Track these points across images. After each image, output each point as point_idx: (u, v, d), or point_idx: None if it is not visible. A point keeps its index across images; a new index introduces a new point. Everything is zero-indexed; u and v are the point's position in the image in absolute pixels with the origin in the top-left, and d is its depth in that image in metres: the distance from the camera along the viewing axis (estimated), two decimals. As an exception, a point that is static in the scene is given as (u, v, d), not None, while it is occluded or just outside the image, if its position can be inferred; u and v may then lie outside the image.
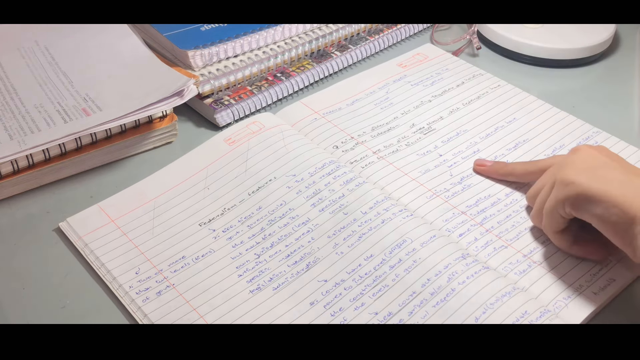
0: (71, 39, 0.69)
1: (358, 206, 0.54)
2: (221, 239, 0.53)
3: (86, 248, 0.52)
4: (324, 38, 0.72)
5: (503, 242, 0.53)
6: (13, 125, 0.58)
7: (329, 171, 0.57)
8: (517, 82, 0.69)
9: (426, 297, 0.48)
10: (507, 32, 0.73)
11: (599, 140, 0.62)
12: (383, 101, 0.66)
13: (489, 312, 0.47)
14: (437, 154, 0.61)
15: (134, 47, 0.67)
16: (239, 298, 0.49)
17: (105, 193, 0.57)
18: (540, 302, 0.48)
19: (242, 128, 0.62)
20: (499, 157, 0.60)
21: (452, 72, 0.70)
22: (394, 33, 0.76)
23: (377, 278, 0.49)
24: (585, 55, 0.72)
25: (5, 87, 0.63)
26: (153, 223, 0.54)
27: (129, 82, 0.63)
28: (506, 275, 0.50)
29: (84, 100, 0.61)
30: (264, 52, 0.69)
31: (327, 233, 0.53)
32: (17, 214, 0.55)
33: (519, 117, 0.65)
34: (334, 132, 0.62)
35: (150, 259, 0.51)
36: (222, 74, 0.66)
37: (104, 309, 0.49)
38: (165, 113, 0.62)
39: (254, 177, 0.57)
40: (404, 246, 0.51)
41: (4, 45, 0.68)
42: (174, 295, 0.49)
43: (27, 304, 0.49)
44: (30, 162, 0.56)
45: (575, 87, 0.71)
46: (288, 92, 0.68)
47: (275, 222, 0.54)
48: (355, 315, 0.48)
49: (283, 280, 0.50)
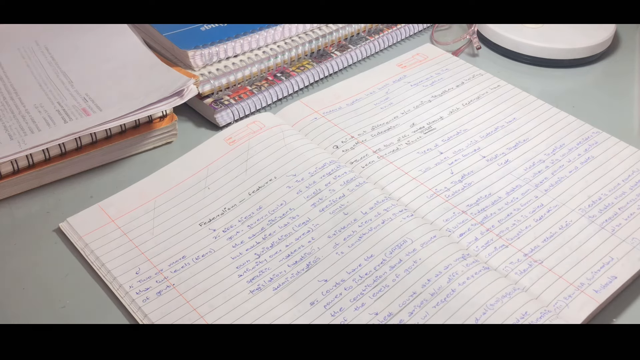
0: (71, 39, 0.69)
1: (358, 206, 0.54)
2: (221, 238, 0.53)
3: (86, 248, 0.52)
4: (324, 38, 0.72)
5: (504, 242, 0.53)
6: (13, 125, 0.58)
7: (330, 171, 0.57)
8: (517, 82, 0.69)
9: (426, 298, 0.48)
10: (507, 32, 0.73)
11: (598, 141, 0.62)
12: (383, 101, 0.66)
13: (490, 313, 0.47)
14: (437, 152, 0.61)
15: (134, 47, 0.67)
16: (239, 298, 0.49)
17: (105, 193, 0.57)
18: (540, 302, 0.48)
19: (242, 128, 0.62)
20: (499, 157, 0.60)
21: (452, 72, 0.70)
22: (393, 33, 0.76)
23: (378, 278, 0.49)
24: (585, 55, 0.72)
25: (5, 87, 0.63)
26: (153, 223, 0.54)
27: (129, 82, 0.63)
28: (507, 275, 0.50)
29: (84, 100, 0.61)
30: (264, 52, 0.69)
31: (327, 233, 0.53)
32: (17, 214, 0.55)
33: (519, 117, 0.65)
34: (334, 131, 0.62)
35: (150, 259, 0.51)
36: (222, 74, 0.66)
37: (104, 309, 0.49)
38: (165, 113, 0.62)
39: (254, 177, 0.57)
40: (404, 246, 0.51)
41: (4, 45, 0.68)
42: (174, 295, 0.49)
43: (27, 304, 0.49)
44: (30, 162, 0.56)
45: (575, 87, 0.71)
46: (288, 92, 0.68)
47: (275, 222, 0.54)
48: (355, 315, 0.48)
49: (283, 280, 0.50)
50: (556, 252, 0.52)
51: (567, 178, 0.58)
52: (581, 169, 0.59)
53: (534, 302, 0.48)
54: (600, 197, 0.57)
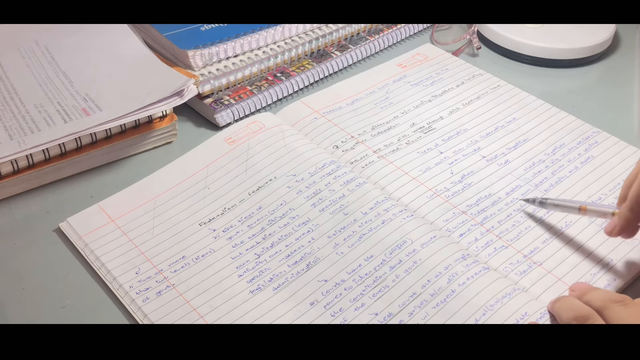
0: (71, 39, 0.69)
1: (358, 206, 0.54)
2: (221, 238, 0.53)
3: (86, 248, 0.52)
4: (324, 38, 0.72)
5: (503, 243, 0.53)
6: (13, 125, 0.58)
7: (330, 171, 0.57)
8: (517, 82, 0.69)
9: (426, 298, 0.48)
10: (507, 32, 0.73)
11: (598, 140, 0.62)
12: (383, 101, 0.66)
13: (489, 314, 0.47)
14: (437, 151, 0.61)
15: (134, 47, 0.67)
16: (239, 298, 0.49)
17: (105, 193, 0.57)
18: (540, 302, 0.48)
19: (242, 128, 0.62)
20: (499, 156, 0.60)
21: (452, 72, 0.70)
22: (393, 33, 0.76)
23: (378, 279, 0.49)
24: (585, 55, 0.72)
25: (5, 87, 0.63)
26: (153, 223, 0.54)
27: (129, 82, 0.63)
28: (507, 275, 0.50)
29: (84, 100, 0.61)
30: (264, 52, 0.69)
31: (327, 233, 0.53)
32: (17, 214, 0.55)
33: (519, 117, 0.65)
34: (334, 131, 0.62)
35: (150, 259, 0.51)
36: (222, 74, 0.65)
37: (104, 309, 0.49)
38: (165, 113, 0.62)
39: (254, 177, 0.57)
40: (404, 247, 0.51)
41: (4, 45, 0.68)
42: (174, 295, 0.49)
43: (27, 304, 0.49)
44: (30, 162, 0.56)
45: (575, 87, 0.71)
46: (288, 91, 0.68)
47: (275, 222, 0.54)
48: (355, 315, 0.48)
49: (283, 281, 0.50)
50: (556, 253, 0.52)
51: (567, 178, 0.58)
52: (581, 168, 0.59)
53: (534, 303, 0.48)
54: (600, 197, 0.57)
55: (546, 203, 0.54)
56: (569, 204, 0.53)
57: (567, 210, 0.54)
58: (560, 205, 0.54)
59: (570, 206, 0.53)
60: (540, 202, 0.55)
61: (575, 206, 0.53)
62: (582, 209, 0.52)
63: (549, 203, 0.54)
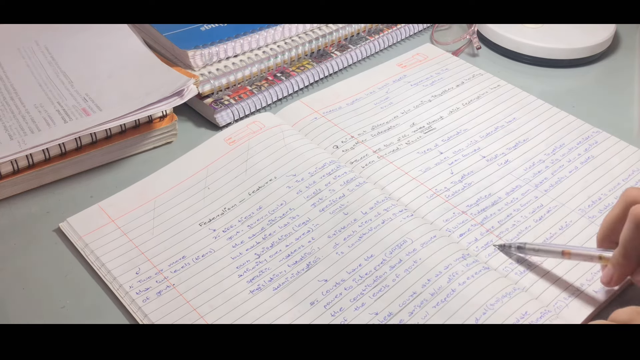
0: (71, 38, 0.69)
1: (358, 206, 0.54)
2: (221, 238, 0.53)
3: (86, 248, 0.52)
4: (324, 38, 0.72)
5: (504, 243, 0.52)
6: (13, 125, 0.58)
7: (330, 171, 0.57)
8: (517, 82, 0.69)
9: (426, 298, 0.48)
10: (507, 32, 0.73)
11: (598, 140, 0.62)
12: (383, 101, 0.66)
13: (490, 313, 0.47)
14: (437, 151, 0.61)
15: (134, 47, 0.67)
16: (239, 298, 0.49)
17: (105, 193, 0.57)
18: (541, 302, 0.48)
19: (242, 128, 0.62)
20: (499, 156, 0.60)
21: (452, 72, 0.70)
22: (393, 33, 0.76)
23: (378, 278, 0.49)
24: (585, 55, 0.72)
25: (5, 87, 0.63)
26: (153, 223, 0.54)
27: (129, 82, 0.63)
28: (507, 275, 0.50)
29: (84, 100, 0.61)
30: (264, 52, 0.69)
31: (327, 233, 0.53)
32: (17, 214, 0.55)
33: (519, 117, 0.65)
34: (334, 131, 0.62)
35: (150, 259, 0.51)
36: (222, 74, 0.66)
37: (104, 309, 0.49)
38: (165, 113, 0.62)
39: (254, 177, 0.57)
40: (404, 246, 0.51)
41: (4, 45, 0.68)
42: (174, 295, 0.49)
43: (27, 304, 0.49)
44: (30, 162, 0.56)
45: (575, 87, 0.71)
46: (288, 91, 0.68)
47: (275, 222, 0.54)
48: (355, 315, 0.48)
49: (283, 280, 0.50)
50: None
51: (567, 178, 0.58)
52: (581, 168, 0.59)
53: (534, 302, 0.48)
54: (600, 197, 0.57)
55: (524, 248, 0.50)
56: (550, 247, 0.49)
57: (549, 255, 0.49)
58: (541, 249, 0.49)
59: (552, 250, 0.49)
60: (518, 247, 0.50)
61: (557, 250, 0.48)
62: (566, 253, 0.48)
63: (528, 248, 0.49)
